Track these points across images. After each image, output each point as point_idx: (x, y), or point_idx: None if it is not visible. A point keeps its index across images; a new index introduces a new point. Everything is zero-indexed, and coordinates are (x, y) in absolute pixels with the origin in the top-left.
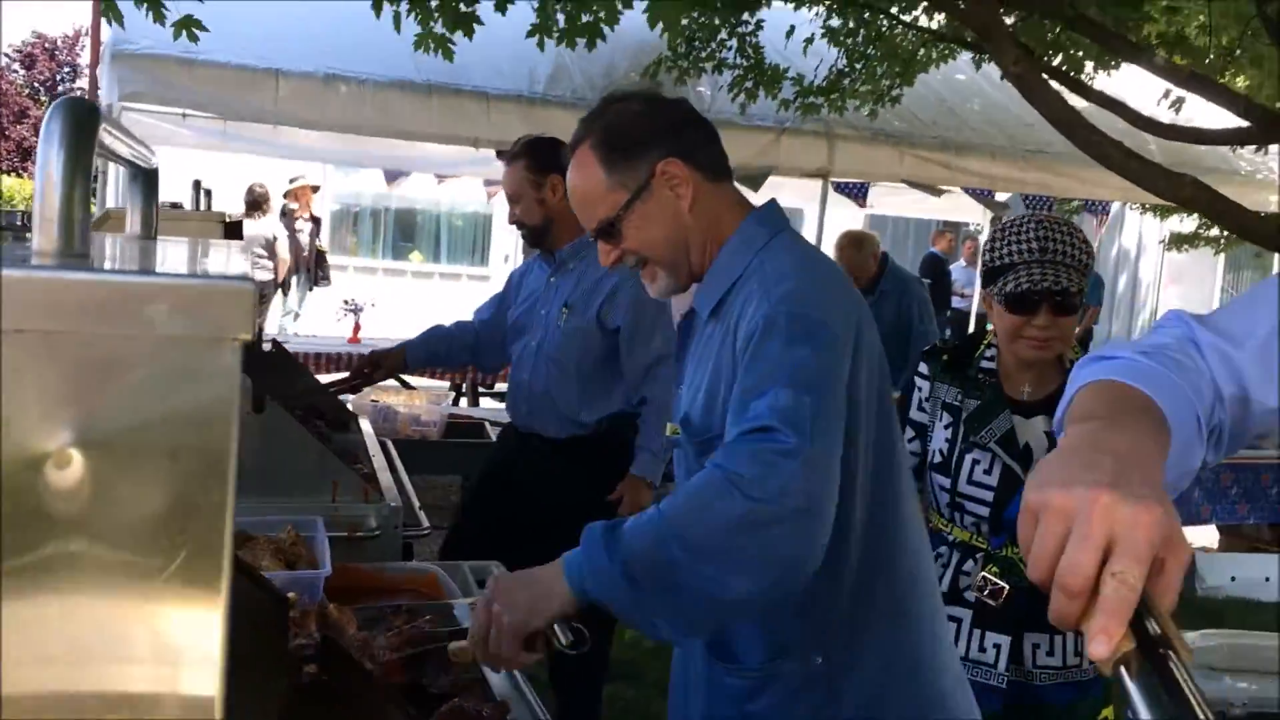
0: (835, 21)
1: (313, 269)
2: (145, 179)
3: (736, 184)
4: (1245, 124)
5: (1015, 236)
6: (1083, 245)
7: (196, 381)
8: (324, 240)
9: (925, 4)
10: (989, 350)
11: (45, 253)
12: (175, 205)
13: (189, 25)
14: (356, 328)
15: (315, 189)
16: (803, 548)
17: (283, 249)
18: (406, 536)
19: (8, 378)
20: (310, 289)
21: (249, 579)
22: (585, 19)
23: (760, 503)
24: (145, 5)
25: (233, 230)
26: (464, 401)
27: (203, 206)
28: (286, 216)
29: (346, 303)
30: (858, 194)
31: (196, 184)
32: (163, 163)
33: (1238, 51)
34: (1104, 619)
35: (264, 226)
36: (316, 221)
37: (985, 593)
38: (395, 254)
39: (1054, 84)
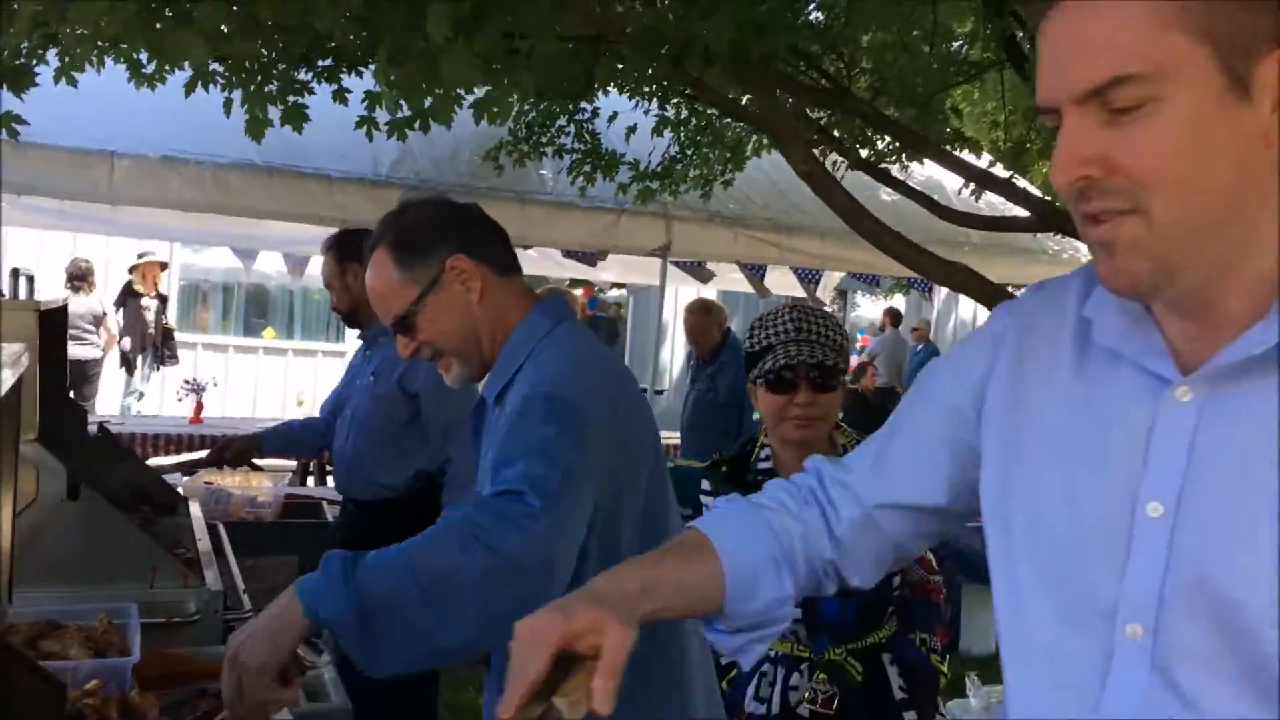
0: (669, 111)
1: (159, 347)
2: None
3: (579, 260)
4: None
5: (771, 322)
6: (836, 328)
7: None
8: (173, 318)
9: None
10: (763, 451)
11: None
12: None
13: (9, 121)
14: (198, 407)
15: (163, 266)
16: (528, 607)
17: (111, 324)
18: (228, 620)
19: None
20: (157, 368)
21: (24, 667)
22: (407, 112)
23: (499, 557)
24: None
25: (53, 317)
26: (312, 480)
27: (22, 294)
28: (132, 294)
29: (187, 382)
30: (696, 270)
31: (15, 271)
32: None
33: (1029, 145)
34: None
35: (89, 302)
36: (163, 299)
37: (817, 703)
38: (248, 330)
39: (866, 174)
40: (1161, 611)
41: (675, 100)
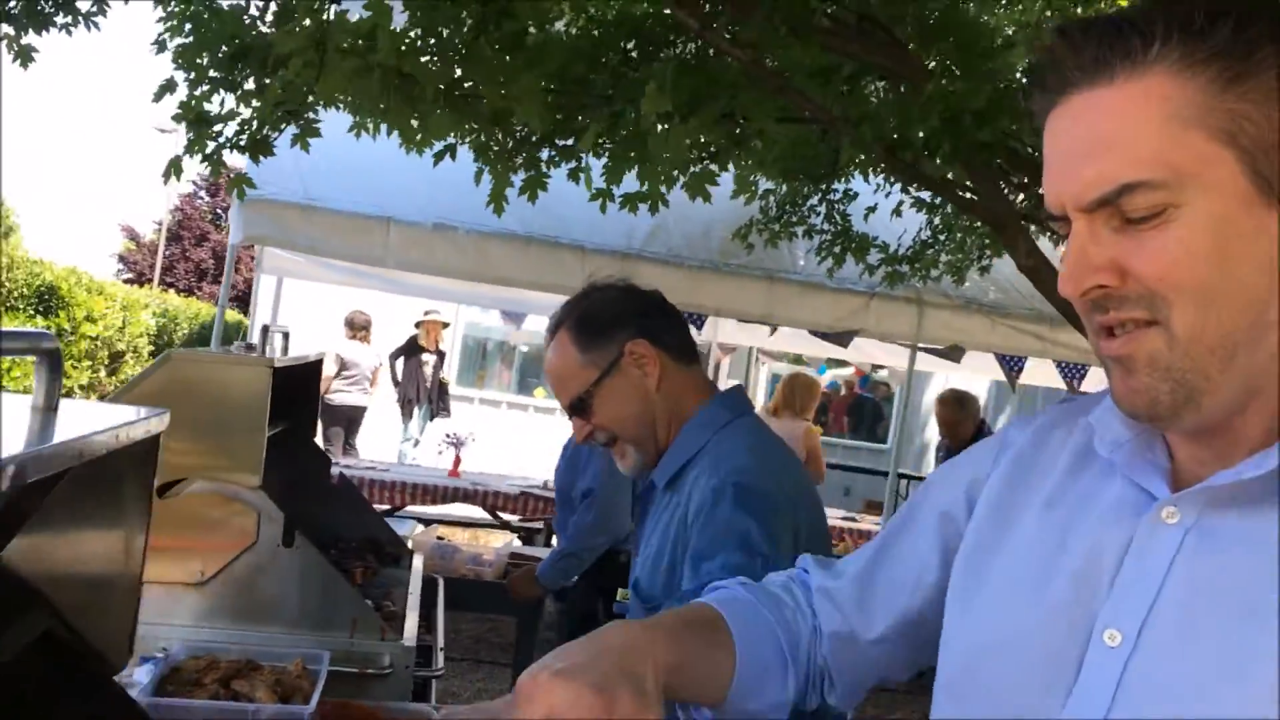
0: (921, 194)
1: (435, 400)
2: (48, 359)
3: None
4: None
5: None
6: None
7: None
8: (451, 373)
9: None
10: None
11: None
12: (249, 347)
13: (240, 183)
14: (457, 461)
15: (445, 325)
16: None
17: (383, 375)
18: (418, 676)
19: None
20: (431, 419)
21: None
22: (643, 188)
23: None
24: (203, 159)
25: (301, 372)
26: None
27: (278, 349)
28: (415, 348)
29: (448, 436)
30: (946, 350)
31: (265, 329)
32: (306, 296)
33: None
34: None
35: (366, 354)
36: (441, 355)
37: None
38: (521, 389)
39: None
40: None
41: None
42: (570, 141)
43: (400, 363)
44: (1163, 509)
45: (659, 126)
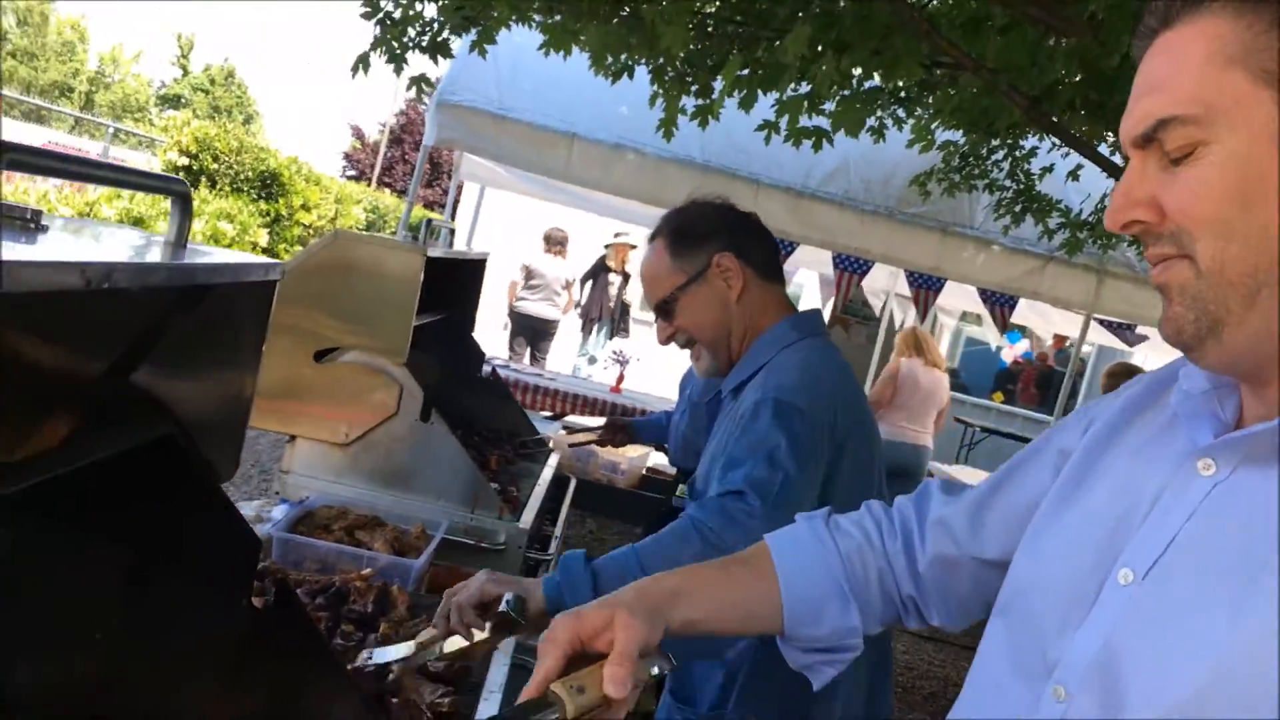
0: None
1: (616, 320)
2: (180, 201)
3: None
4: None
5: None
6: None
7: None
8: (631, 296)
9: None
10: None
11: None
12: (414, 237)
13: (419, 83)
14: (620, 378)
15: (633, 248)
16: None
17: (575, 290)
18: (529, 557)
19: None
20: (610, 338)
21: (228, 514)
22: (810, 124)
23: (717, 551)
24: (389, 58)
25: (457, 267)
26: None
27: (441, 244)
28: (604, 268)
29: (615, 353)
30: (1122, 331)
31: (428, 222)
32: (511, 210)
33: None
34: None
35: (556, 267)
36: (626, 277)
37: None
38: None
39: None
40: (1082, 681)
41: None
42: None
43: (588, 283)
44: (1199, 459)
45: (806, 63)
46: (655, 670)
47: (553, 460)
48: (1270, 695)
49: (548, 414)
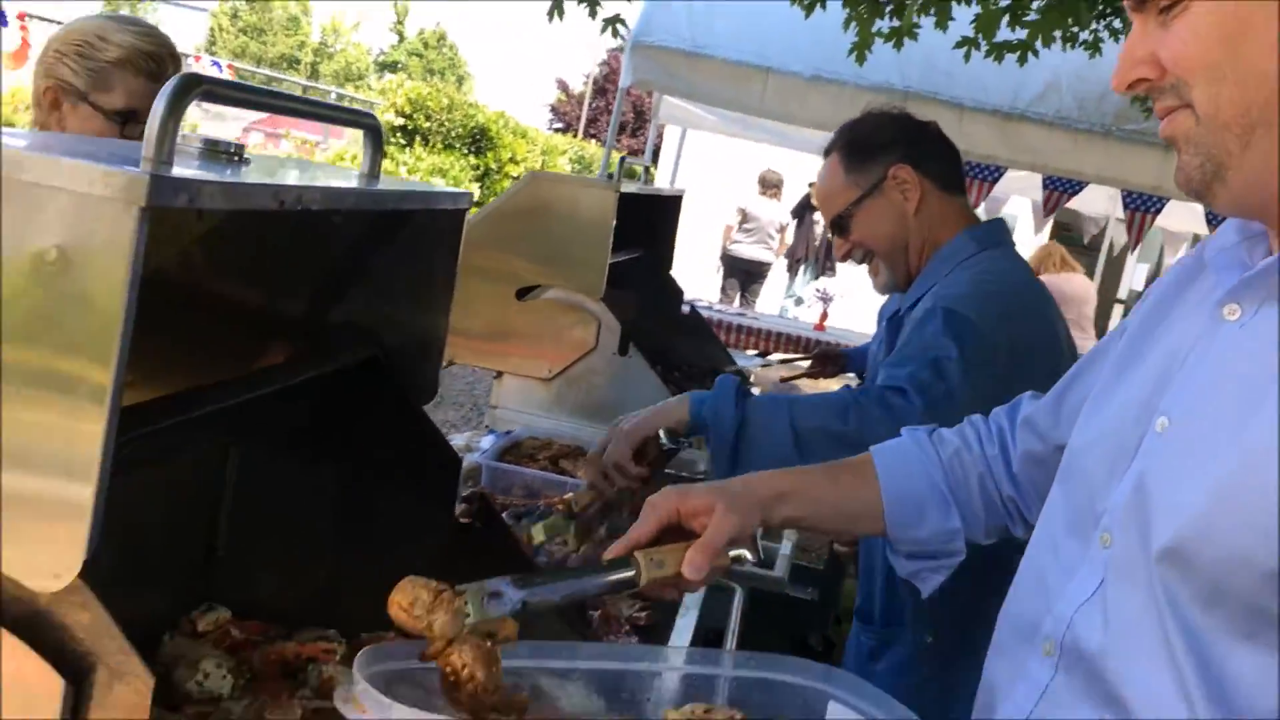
0: None
1: (821, 259)
2: (372, 134)
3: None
4: None
5: None
6: None
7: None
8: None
9: None
10: None
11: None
12: (610, 176)
13: (614, 23)
14: (823, 315)
15: None
16: None
17: (788, 235)
18: None
19: None
20: (816, 278)
21: (431, 433)
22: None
23: (858, 435)
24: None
25: (652, 203)
26: None
27: (639, 182)
28: (809, 207)
29: (818, 291)
30: None
31: (621, 160)
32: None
33: None
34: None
35: (772, 210)
36: None
37: None
38: None
39: None
40: (1122, 523)
41: None
42: None
43: (793, 224)
44: (1225, 306)
45: None
46: (737, 560)
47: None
48: (1270, 510)
49: (753, 353)
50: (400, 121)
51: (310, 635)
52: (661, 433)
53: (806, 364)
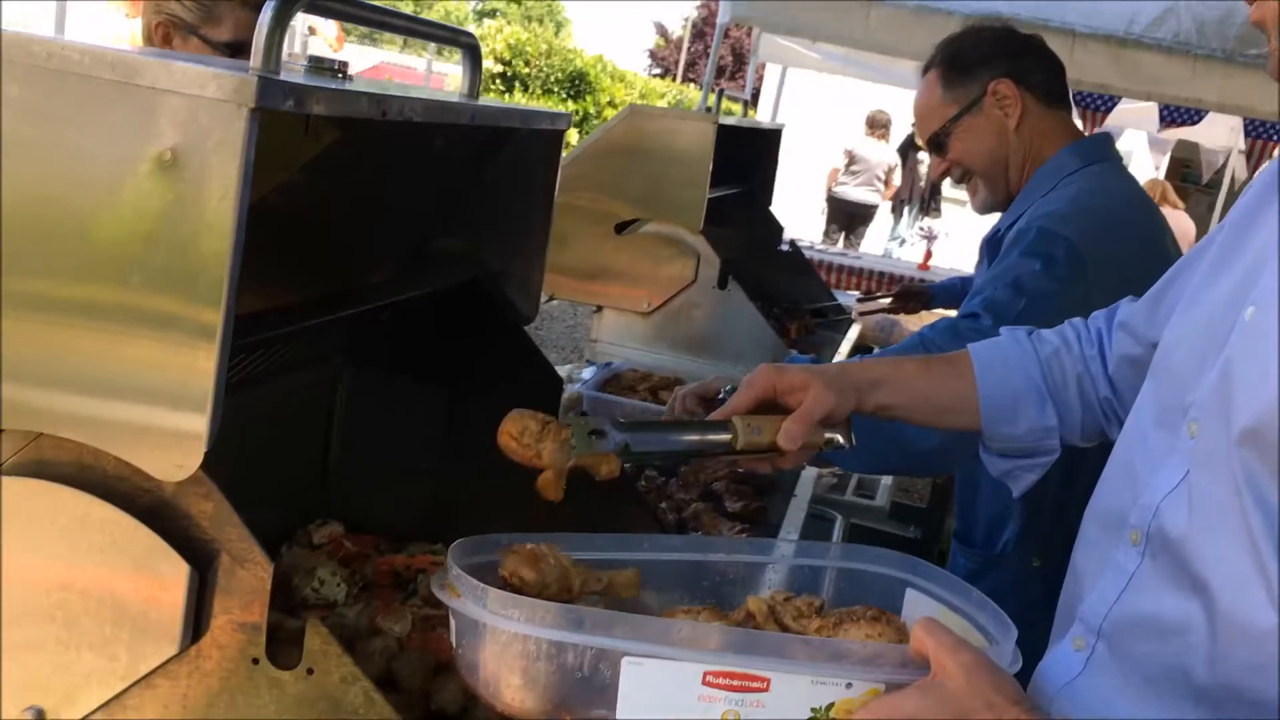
0: None
1: (926, 199)
2: (470, 53)
3: None
4: None
5: None
6: None
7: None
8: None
9: None
10: None
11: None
12: (708, 109)
13: None
14: (927, 255)
15: None
16: None
17: (896, 177)
18: None
19: None
20: (920, 218)
21: (532, 353)
22: None
23: None
24: None
25: (753, 136)
26: None
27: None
28: (913, 147)
29: (921, 229)
30: None
31: (720, 91)
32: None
33: None
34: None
35: (879, 152)
36: None
37: None
38: None
39: None
40: (1208, 410)
41: None
42: None
43: (900, 164)
44: None
45: None
46: (830, 440)
47: (853, 331)
48: None
49: (855, 293)
50: (499, 68)
51: (419, 548)
52: (727, 387)
53: (888, 300)
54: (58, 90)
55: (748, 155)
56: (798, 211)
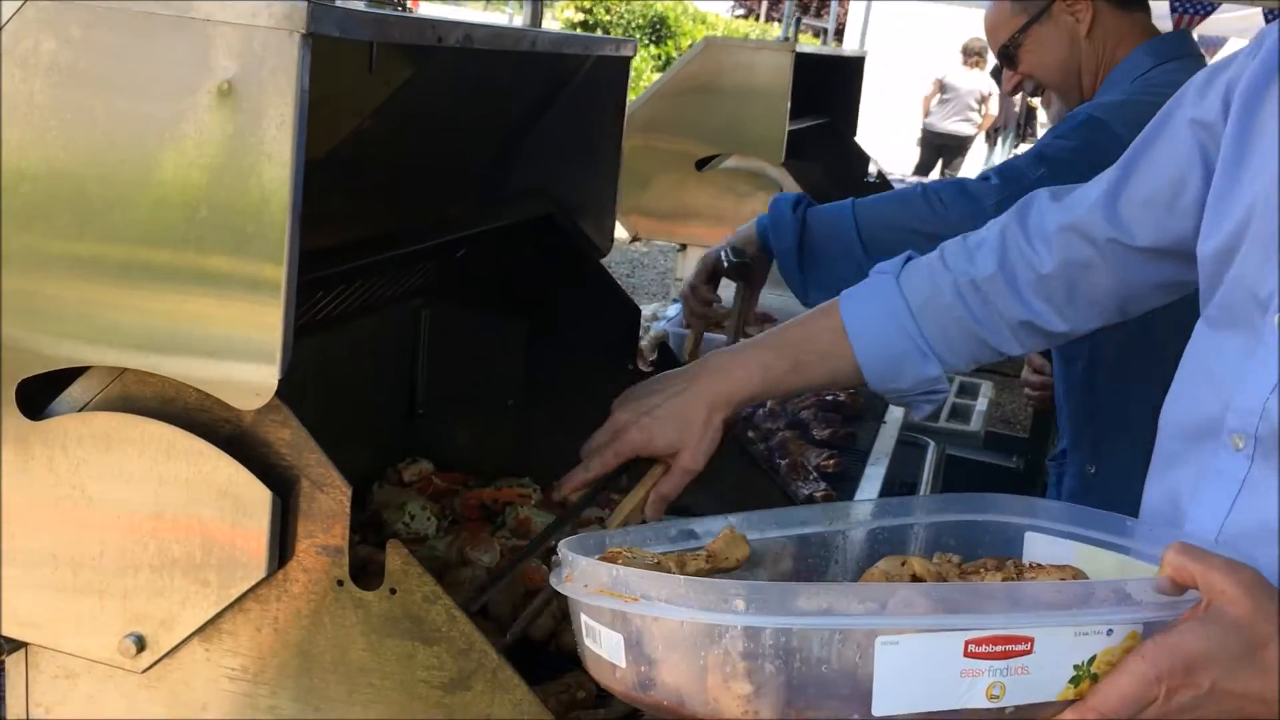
0: None
1: (1021, 126)
2: None
3: None
4: None
5: None
6: None
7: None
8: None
9: None
10: None
11: None
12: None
13: None
14: None
15: None
16: None
17: (993, 105)
18: None
19: None
20: (1016, 146)
21: (609, 286)
22: None
23: (936, 213)
24: None
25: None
26: None
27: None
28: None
29: (1019, 158)
30: None
31: (797, 20)
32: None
33: None
34: None
35: (979, 80)
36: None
37: None
38: None
39: None
40: None
41: None
42: None
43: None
44: None
45: None
46: None
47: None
48: None
49: None
50: (580, 17)
51: (506, 482)
52: (724, 251)
53: None
54: (117, 28)
55: (830, 85)
56: (891, 144)
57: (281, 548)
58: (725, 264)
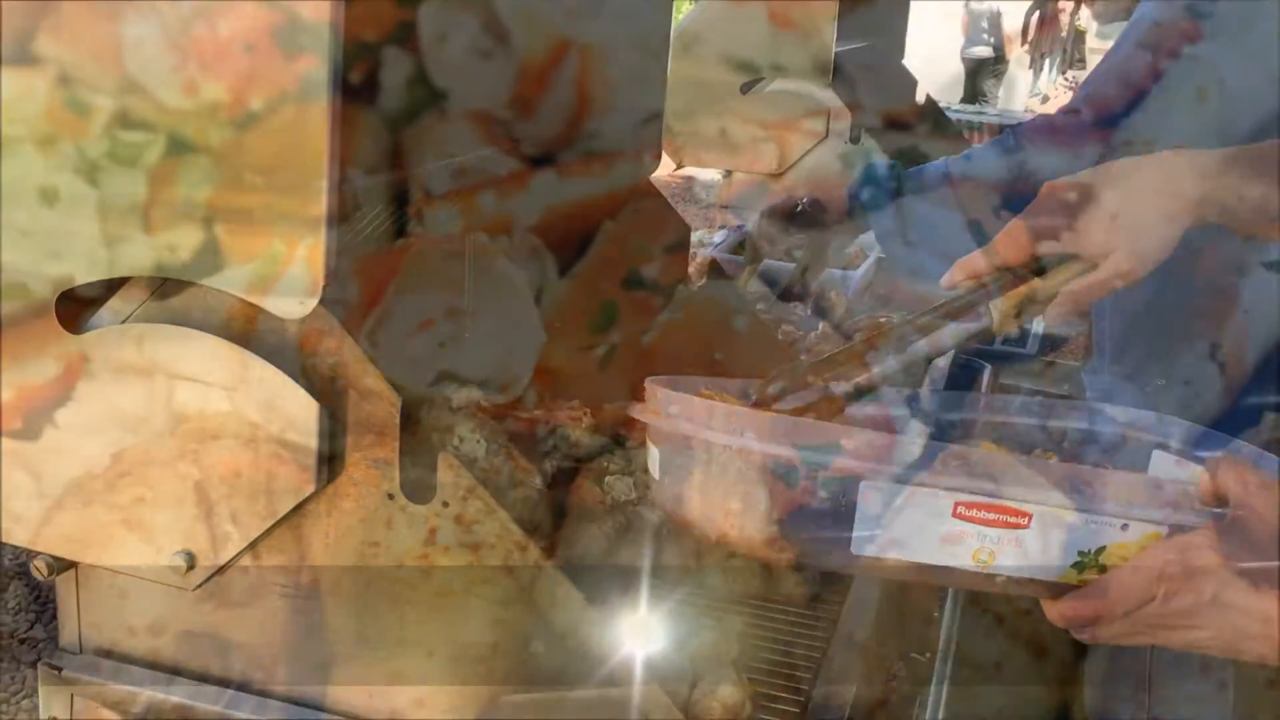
0: None
1: (1069, 50)
2: None
3: None
4: None
5: None
6: None
7: None
8: (1085, 19)
9: None
10: None
11: None
12: None
13: None
14: None
15: None
16: None
17: (1004, 23)
18: None
19: None
20: (1063, 73)
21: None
22: None
23: (1025, 169)
24: None
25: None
26: None
27: None
28: None
29: (1066, 78)
30: None
31: None
32: None
33: None
34: None
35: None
36: (1079, 2)
37: None
38: None
39: None
40: None
41: None
42: None
43: (1035, 14)
44: None
45: None
46: None
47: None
48: None
49: None
50: None
51: (557, 405)
52: (805, 200)
53: None
54: None
55: (874, 9)
56: (933, 75)
57: (330, 461)
58: (801, 209)
